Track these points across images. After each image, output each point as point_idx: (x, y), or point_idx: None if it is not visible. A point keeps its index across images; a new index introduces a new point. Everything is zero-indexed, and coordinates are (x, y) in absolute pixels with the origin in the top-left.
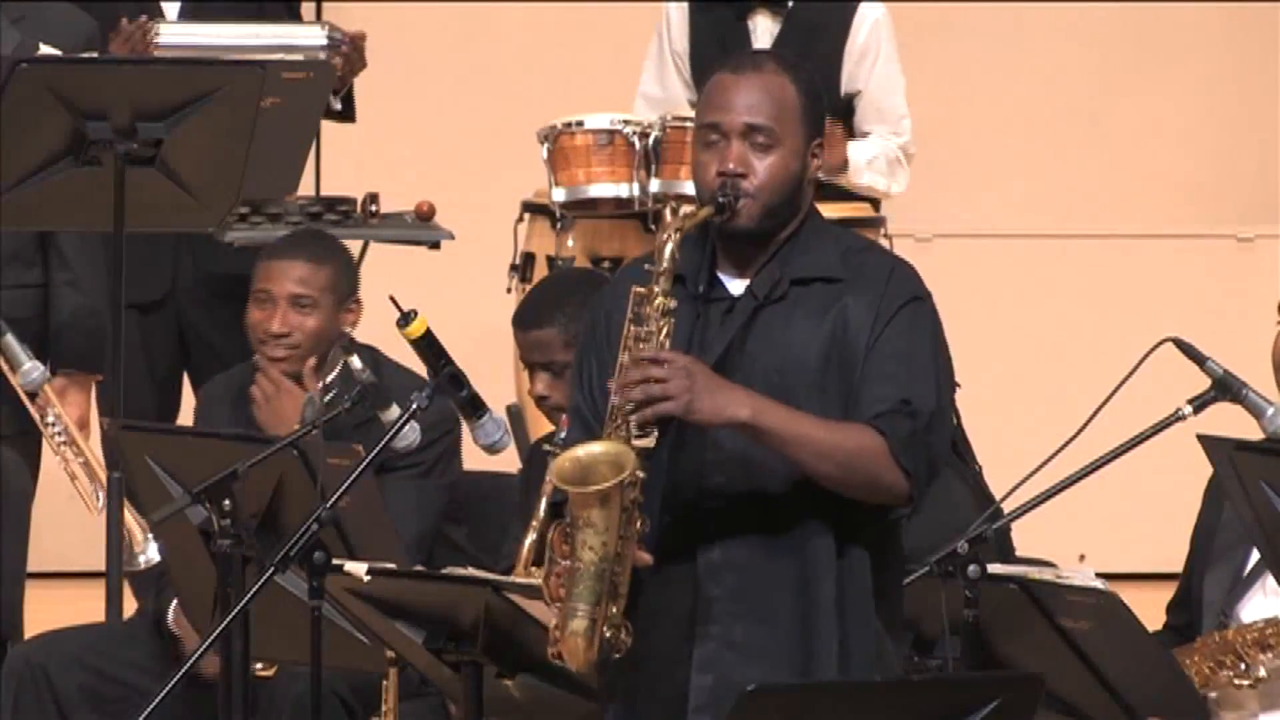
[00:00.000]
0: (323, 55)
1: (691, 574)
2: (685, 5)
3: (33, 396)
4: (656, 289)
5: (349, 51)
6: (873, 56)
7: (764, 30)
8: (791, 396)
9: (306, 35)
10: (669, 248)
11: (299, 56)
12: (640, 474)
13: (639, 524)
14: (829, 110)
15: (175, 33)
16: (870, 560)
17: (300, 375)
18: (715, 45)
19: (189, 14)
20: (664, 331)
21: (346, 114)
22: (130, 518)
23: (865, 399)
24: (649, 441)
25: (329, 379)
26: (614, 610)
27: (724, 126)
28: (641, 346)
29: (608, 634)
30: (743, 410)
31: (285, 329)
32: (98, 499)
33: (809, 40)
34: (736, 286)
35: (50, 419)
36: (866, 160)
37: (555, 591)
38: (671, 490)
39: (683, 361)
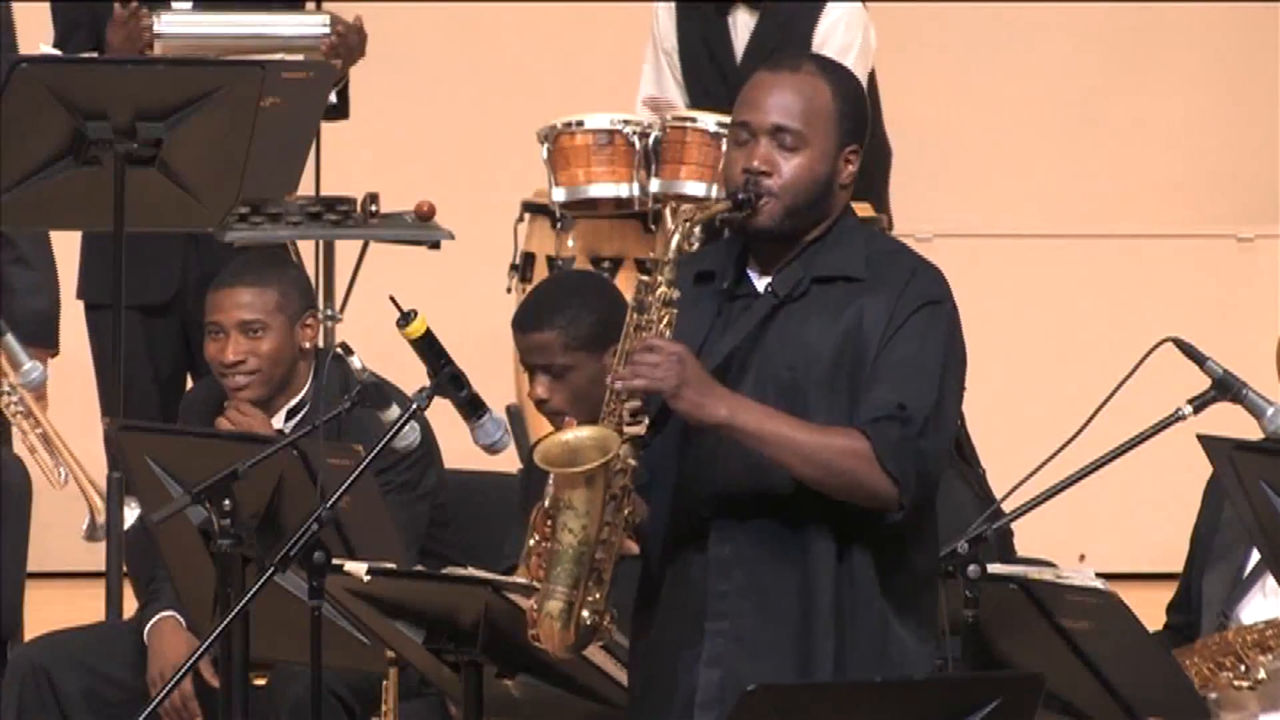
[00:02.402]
0: (326, 44)
1: (702, 568)
2: (672, 5)
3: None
4: (660, 278)
5: (344, 34)
6: (830, 49)
7: (743, 25)
8: (803, 394)
9: (310, 24)
10: (676, 238)
11: (299, 56)
12: (631, 461)
13: (629, 512)
14: None
15: (175, 21)
16: (877, 567)
17: (267, 400)
18: (699, 42)
19: (198, 6)
20: (664, 321)
21: (341, 110)
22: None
23: (865, 402)
24: (640, 429)
25: (300, 396)
26: (596, 595)
27: (753, 125)
28: (641, 335)
29: (586, 618)
30: (720, 410)
31: (238, 356)
32: (60, 474)
33: (781, 36)
34: (763, 284)
35: (5, 388)
36: None
37: (535, 571)
38: (682, 484)
39: (675, 349)
